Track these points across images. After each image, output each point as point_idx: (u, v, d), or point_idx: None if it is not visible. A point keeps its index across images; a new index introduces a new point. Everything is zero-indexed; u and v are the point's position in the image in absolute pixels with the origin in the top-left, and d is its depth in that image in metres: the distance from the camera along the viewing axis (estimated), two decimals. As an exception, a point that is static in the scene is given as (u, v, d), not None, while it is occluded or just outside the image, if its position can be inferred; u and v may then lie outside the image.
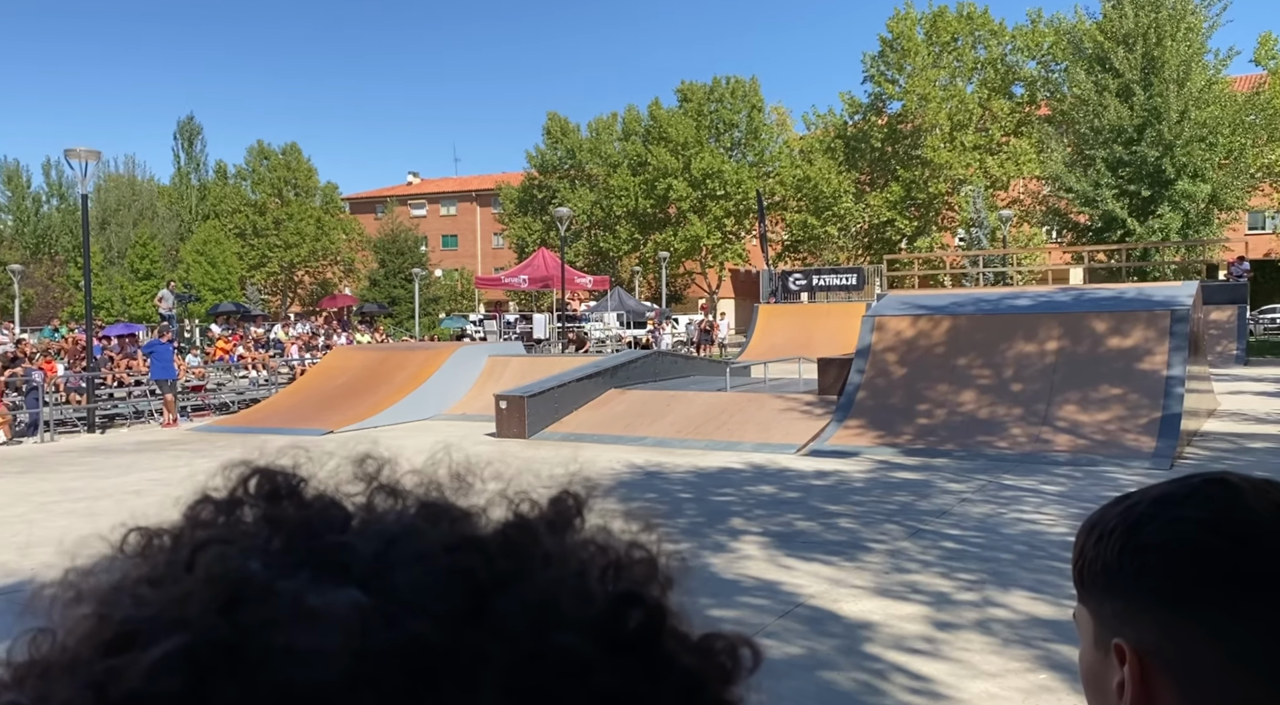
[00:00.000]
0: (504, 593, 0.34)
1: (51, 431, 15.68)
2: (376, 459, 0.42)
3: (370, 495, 0.40)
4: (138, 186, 47.34)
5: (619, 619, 0.35)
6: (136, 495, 9.98)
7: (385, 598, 0.33)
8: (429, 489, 0.40)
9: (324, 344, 25.68)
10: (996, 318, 13.75)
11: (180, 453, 13.38)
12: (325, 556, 0.35)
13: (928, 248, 41.03)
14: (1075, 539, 0.78)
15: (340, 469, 0.41)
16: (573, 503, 0.41)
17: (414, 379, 17.71)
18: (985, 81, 41.79)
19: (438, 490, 0.40)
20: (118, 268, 41.88)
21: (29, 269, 37.02)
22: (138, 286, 40.44)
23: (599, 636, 0.34)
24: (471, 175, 68.76)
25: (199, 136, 51.86)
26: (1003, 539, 7.21)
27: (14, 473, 11.97)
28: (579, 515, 0.40)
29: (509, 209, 51.96)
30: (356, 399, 17.04)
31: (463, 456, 0.44)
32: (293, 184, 50.10)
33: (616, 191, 46.84)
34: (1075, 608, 0.78)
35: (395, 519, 0.38)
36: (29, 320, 32.09)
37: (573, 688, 0.33)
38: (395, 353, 20.18)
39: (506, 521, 0.39)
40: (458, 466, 0.42)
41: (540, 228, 48.71)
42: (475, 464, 0.44)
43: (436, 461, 0.43)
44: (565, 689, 0.33)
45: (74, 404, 16.92)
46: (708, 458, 11.51)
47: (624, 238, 47.55)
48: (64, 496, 10.03)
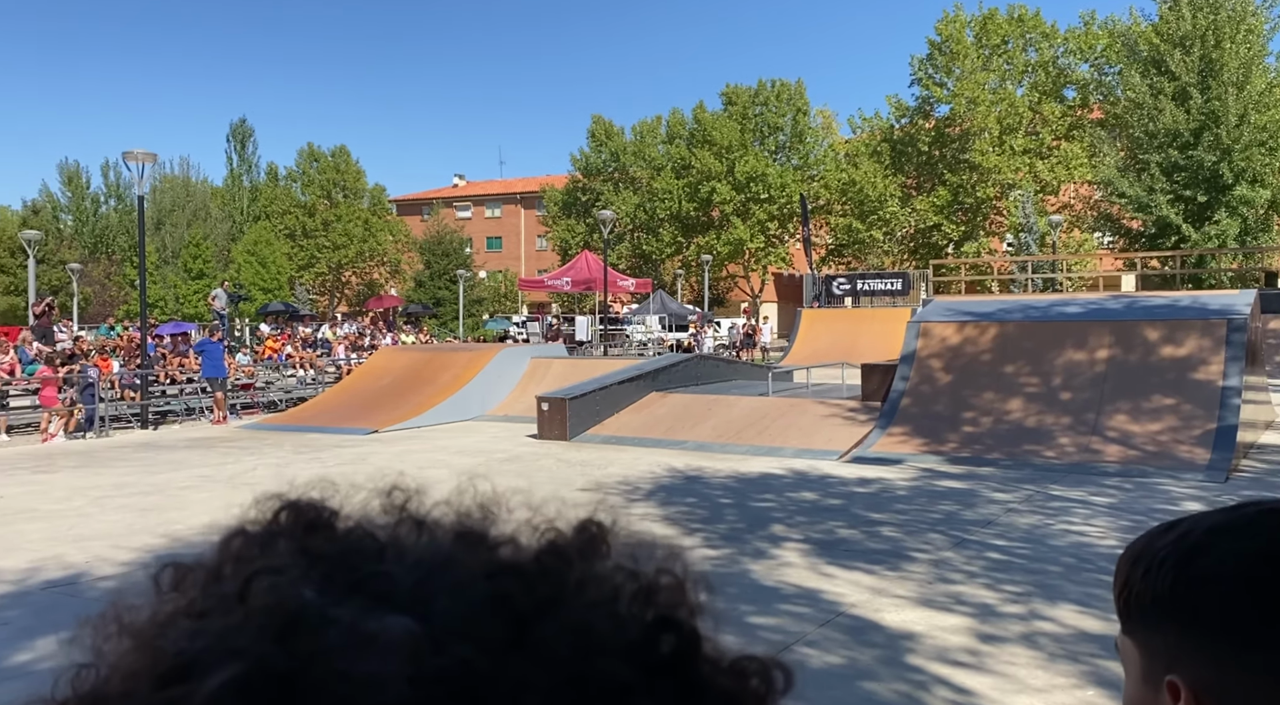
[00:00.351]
0: (544, 618, 0.35)
1: (106, 427, 16.07)
2: (404, 490, 0.42)
3: (401, 526, 0.40)
4: (192, 188, 48.43)
5: (655, 643, 0.36)
6: (187, 491, 10.20)
7: (431, 624, 0.34)
8: (460, 518, 0.41)
9: (370, 344, 26.03)
10: (1045, 325, 13.51)
11: (230, 450, 13.63)
12: (367, 586, 0.36)
13: (975, 253, 40.47)
14: (1117, 568, 0.75)
15: (370, 501, 0.42)
16: (598, 529, 0.41)
17: (457, 380, 17.87)
18: (1036, 84, 41.12)
19: (469, 519, 0.41)
20: (171, 267, 42.86)
21: (87, 268, 38.02)
22: (190, 285, 41.35)
23: (636, 661, 0.35)
24: (516, 178, 69.34)
25: (251, 139, 52.96)
26: (1050, 551, 7.08)
27: (70, 467, 12.29)
28: (606, 542, 0.41)
29: (553, 211, 52.26)
30: (401, 399, 17.23)
31: (488, 487, 0.45)
32: (341, 186, 50.87)
33: (660, 194, 46.88)
34: (1118, 638, 0.76)
35: (430, 548, 0.39)
36: (86, 318, 32.95)
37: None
38: (439, 354, 20.38)
39: (540, 548, 0.39)
40: (484, 496, 0.43)
41: (584, 230, 48.92)
42: (501, 494, 0.44)
43: (463, 491, 0.43)
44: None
45: (128, 400, 17.33)
46: (749, 463, 11.45)
47: (667, 240, 47.56)
48: (117, 491, 10.27)
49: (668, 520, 8.35)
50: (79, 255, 39.93)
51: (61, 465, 12.48)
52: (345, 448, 13.55)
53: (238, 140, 52.57)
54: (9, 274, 37.19)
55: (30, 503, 9.67)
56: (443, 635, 0.34)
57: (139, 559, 7.23)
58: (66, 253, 39.08)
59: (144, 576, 0.40)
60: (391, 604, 0.35)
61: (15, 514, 9.06)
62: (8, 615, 5.91)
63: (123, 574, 6.82)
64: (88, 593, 6.40)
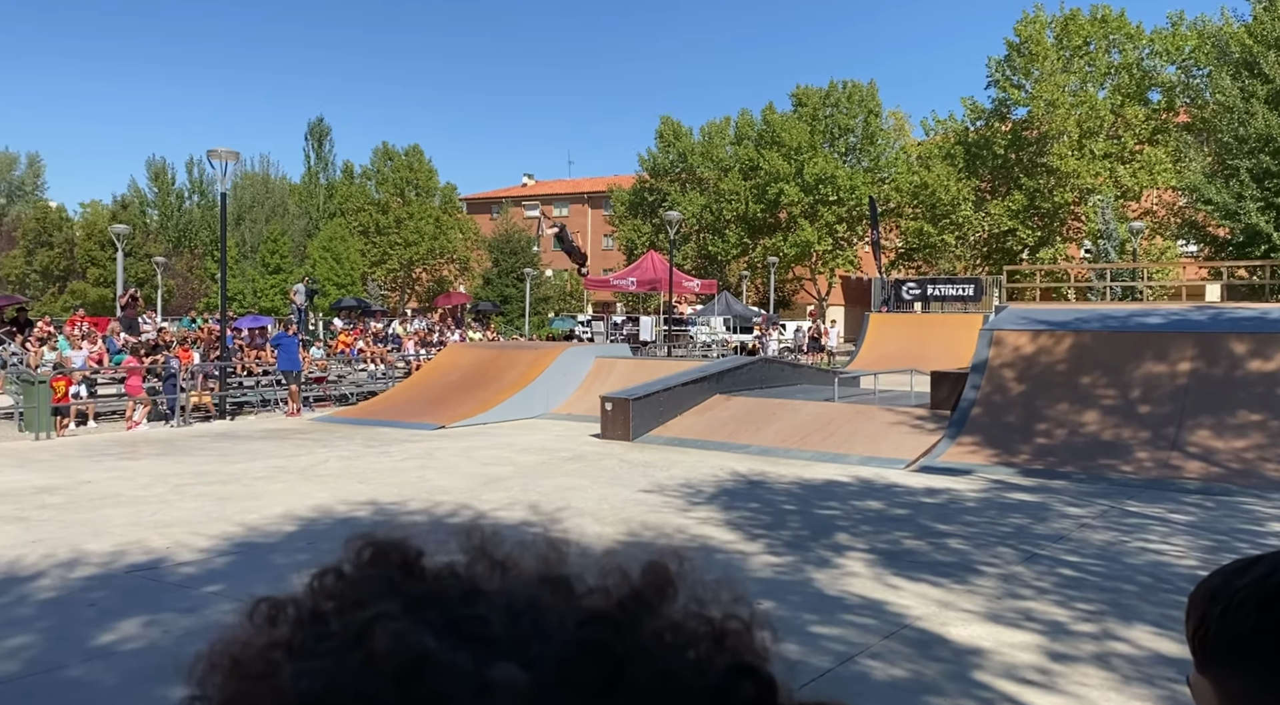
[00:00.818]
0: (633, 665, 0.36)
1: (186, 417, 16.64)
2: (481, 531, 0.44)
3: (483, 566, 0.42)
4: (271, 185, 49.84)
5: (736, 689, 0.37)
6: (262, 481, 10.51)
7: (532, 670, 0.35)
8: (539, 560, 0.42)
9: (439, 340, 26.46)
10: (1124, 335, 13.10)
11: (303, 442, 14.00)
12: (464, 628, 0.37)
13: (1050, 259, 39.42)
14: (1191, 603, 0.73)
15: (448, 541, 0.44)
16: (669, 573, 0.42)
17: (523, 377, 18.06)
18: (1119, 87, 39.87)
19: (549, 562, 0.42)
20: (250, 262, 44.17)
21: (171, 261, 39.41)
22: (267, 280, 42.55)
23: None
24: (584, 177, 69.74)
25: (328, 137, 54.26)
26: (1125, 569, 6.86)
27: (153, 454, 12.76)
28: (676, 585, 0.42)
29: (619, 211, 52.44)
30: (468, 395, 17.49)
31: (559, 531, 0.47)
32: (414, 184, 51.80)
33: (727, 195, 46.71)
34: (1191, 675, 0.73)
35: (516, 592, 0.40)
36: (169, 310, 34.14)
37: None
38: (506, 351, 20.63)
39: (623, 596, 0.40)
40: (553, 538, 0.44)
41: (649, 230, 48.99)
42: (567, 537, 0.46)
43: (533, 533, 0.45)
44: None
45: (208, 391, 17.91)
46: (813, 469, 11.34)
47: (733, 242, 47.36)
48: (196, 479, 10.63)
49: (730, 525, 8.32)
50: (164, 249, 41.39)
51: (145, 452, 12.96)
52: (413, 442, 13.80)
53: (315, 139, 53.93)
54: (99, 266, 38.73)
55: (115, 488, 10.06)
56: (545, 682, 0.35)
57: (217, 547, 7.47)
58: (152, 246, 40.53)
59: (235, 612, 0.42)
60: (493, 649, 0.36)
61: (102, 499, 9.45)
62: (94, 597, 6.16)
63: (201, 561, 7.06)
64: (168, 578, 6.64)
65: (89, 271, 39.22)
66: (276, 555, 7.24)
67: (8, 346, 18.46)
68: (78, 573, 6.69)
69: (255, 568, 6.86)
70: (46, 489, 9.98)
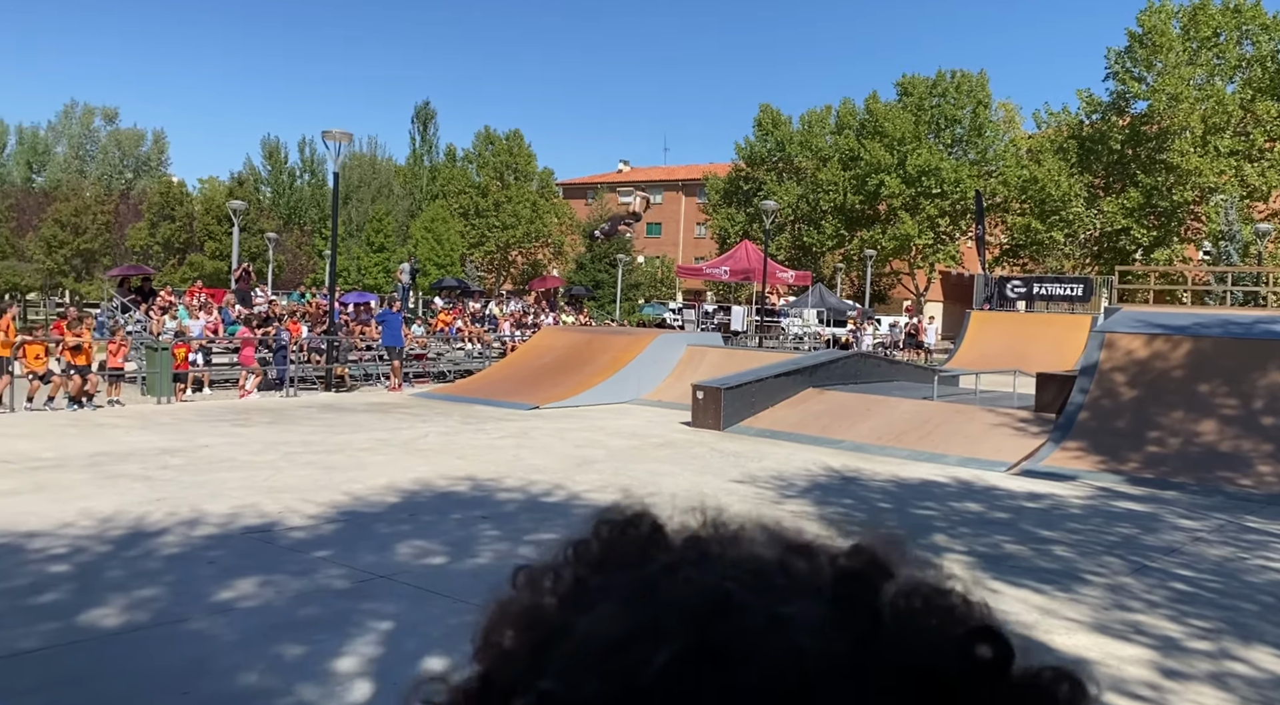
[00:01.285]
0: (888, 619, 0.40)
1: (295, 387, 17.33)
2: (708, 508, 0.48)
3: (719, 534, 0.46)
4: (378, 166, 51.24)
5: (977, 648, 0.40)
6: (366, 453, 10.88)
7: (817, 610, 0.40)
8: (771, 531, 0.46)
9: (533, 322, 26.87)
10: (1248, 342, 12.44)
11: (404, 416, 14.43)
12: (743, 579, 0.41)
13: (1166, 260, 37.59)
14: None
15: (677, 514, 0.48)
16: (896, 545, 0.45)
17: (615, 362, 18.21)
18: (1250, 81, 37.65)
19: (785, 533, 0.46)
20: (355, 240, 45.57)
21: (282, 237, 40.95)
22: (372, 258, 43.84)
23: (966, 662, 0.39)
24: (679, 165, 69.59)
25: (433, 121, 55.41)
26: (1245, 587, 6.55)
27: (264, 423, 13.34)
28: (903, 557, 0.44)
29: (714, 200, 52.17)
30: (562, 377, 17.73)
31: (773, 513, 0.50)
32: (513, 168, 52.55)
33: (825, 186, 45.97)
34: None
35: (767, 554, 0.43)
36: (279, 284, 35.51)
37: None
38: (600, 336, 20.81)
39: (865, 560, 0.43)
40: (773, 519, 0.47)
41: (744, 219, 48.61)
42: (783, 519, 0.48)
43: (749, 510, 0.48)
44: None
45: (314, 364, 18.62)
46: (909, 468, 11.13)
47: (829, 233, 46.61)
48: (305, 448, 11.08)
49: (824, 520, 8.24)
50: (275, 225, 43.03)
51: (256, 420, 13.56)
52: (509, 421, 14.08)
53: (421, 122, 55.17)
54: (216, 240, 40.52)
55: (230, 453, 10.57)
56: (827, 621, 0.39)
57: (324, 514, 7.79)
58: (265, 222, 42.18)
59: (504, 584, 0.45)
60: (774, 594, 0.40)
61: (218, 463, 9.94)
62: (213, 555, 6.50)
63: (310, 527, 7.37)
64: (280, 541, 6.95)
65: (206, 245, 41.09)
66: (380, 525, 7.50)
67: (133, 314, 19.52)
68: (198, 531, 7.06)
69: (361, 536, 7.12)
70: (168, 450, 10.55)
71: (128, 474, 9.12)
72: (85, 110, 54.64)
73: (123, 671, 4.50)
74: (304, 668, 4.59)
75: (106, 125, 54.95)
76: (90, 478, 8.90)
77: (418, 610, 5.50)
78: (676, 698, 0.36)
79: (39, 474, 9.02)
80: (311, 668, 4.59)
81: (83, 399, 14.33)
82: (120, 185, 49.85)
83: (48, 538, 6.70)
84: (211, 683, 4.41)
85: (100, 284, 35.28)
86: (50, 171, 52.18)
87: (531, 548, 6.62)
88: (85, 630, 4.99)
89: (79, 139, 54.43)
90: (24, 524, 7.01)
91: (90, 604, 5.36)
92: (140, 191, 48.34)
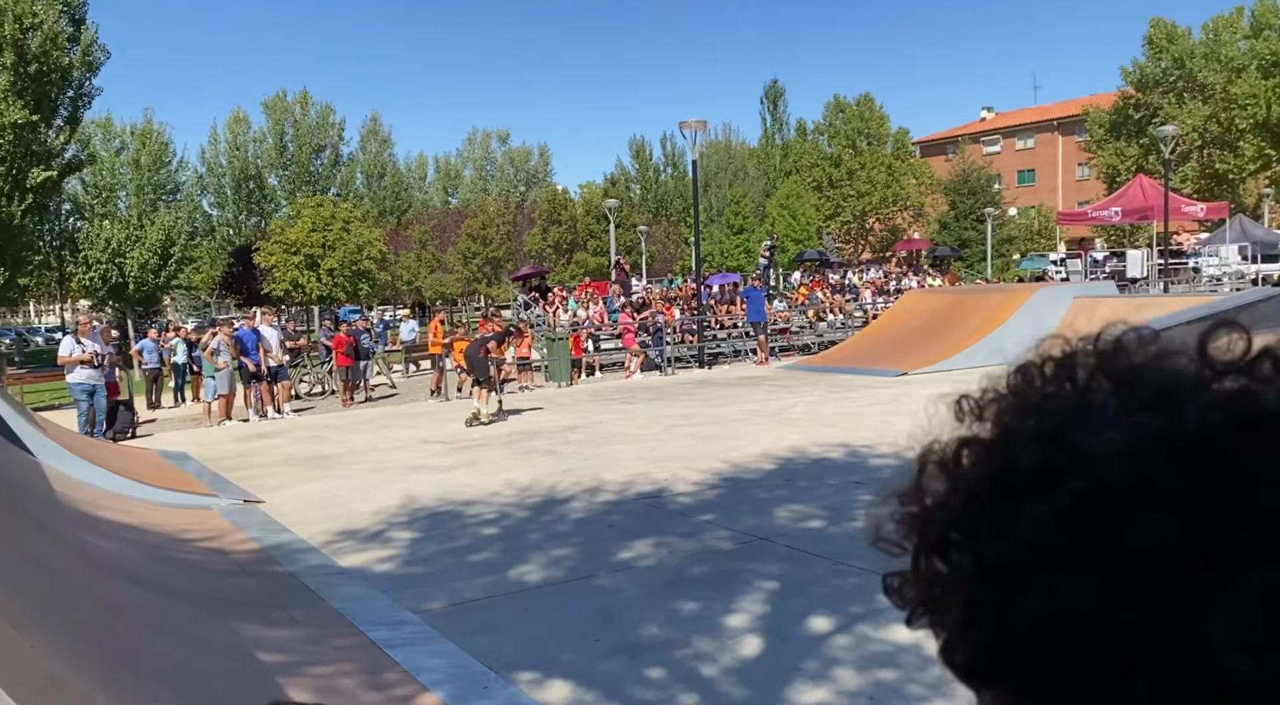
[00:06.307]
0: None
1: (672, 366, 18.45)
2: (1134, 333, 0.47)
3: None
4: (732, 150, 52.67)
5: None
6: (739, 423, 11.29)
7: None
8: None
9: (895, 289, 26.07)
10: None
11: (772, 388, 14.76)
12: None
13: None
14: None
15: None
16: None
17: (988, 323, 17.10)
18: None
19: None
20: (717, 225, 47.31)
21: (651, 229, 43.67)
22: (733, 240, 45.25)
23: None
24: (1052, 103, 63.26)
25: (782, 98, 55.74)
26: None
27: (646, 399, 14.36)
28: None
29: (1097, 135, 46.71)
30: (930, 341, 17.03)
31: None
32: (866, 134, 51.24)
33: (1241, 101, 39.16)
34: None
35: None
36: (652, 273, 37.98)
37: None
38: (969, 296, 19.65)
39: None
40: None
41: (1136, 152, 42.97)
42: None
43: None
44: None
45: (687, 343, 19.68)
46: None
47: (1249, 156, 39.67)
48: (684, 421, 11.76)
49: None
50: (645, 219, 46.01)
51: (640, 397, 14.64)
52: (876, 388, 13.82)
53: (770, 101, 55.71)
54: (596, 238, 44.28)
55: (620, 428, 11.53)
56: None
57: (706, 480, 8.22)
58: (636, 217, 45.26)
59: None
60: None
61: (611, 437, 10.89)
62: (613, 519, 7.14)
63: (694, 493, 7.82)
64: (669, 506, 7.46)
65: (588, 243, 45.04)
66: (759, 490, 7.75)
67: (534, 310, 21.98)
68: (599, 498, 7.80)
69: (742, 501, 7.42)
70: (569, 427, 11.77)
71: (538, 449, 10.32)
72: (484, 135, 62.37)
73: (545, 620, 5.11)
74: (698, 622, 4.89)
75: (501, 146, 62.28)
76: (508, 454, 10.19)
77: (801, 570, 5.61)
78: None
79: (470, 451, 10.52)
80: (706, 622, 4.88)
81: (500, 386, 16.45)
82: (516, 198, 56.30)
83: (480, 505, 7.79)
84: (618, 633, 4.86)
85: (506, 287, 40.18)
86: (461, 192, 60.31)
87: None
88: (513, 584, 5.74)
89: (480, 161, 62.28)
90: (462, 494, 8.22)
91: (516, 562, 6.15)
92: (532, 202, 54.17)
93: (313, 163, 47.49)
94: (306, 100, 47.74)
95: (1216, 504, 0.36)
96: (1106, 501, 0.38)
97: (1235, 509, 0.36)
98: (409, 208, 53.26)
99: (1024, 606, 0.39)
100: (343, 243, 30.19)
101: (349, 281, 30.53)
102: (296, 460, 10.54)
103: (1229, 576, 0.36)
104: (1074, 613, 0.38)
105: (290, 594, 5.74)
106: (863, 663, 4.26)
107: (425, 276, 43.55)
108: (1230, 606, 0.35)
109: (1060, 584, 0.38)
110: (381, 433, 12.36)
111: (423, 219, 48.86)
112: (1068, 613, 0.38)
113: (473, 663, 4.48)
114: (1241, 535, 0.36)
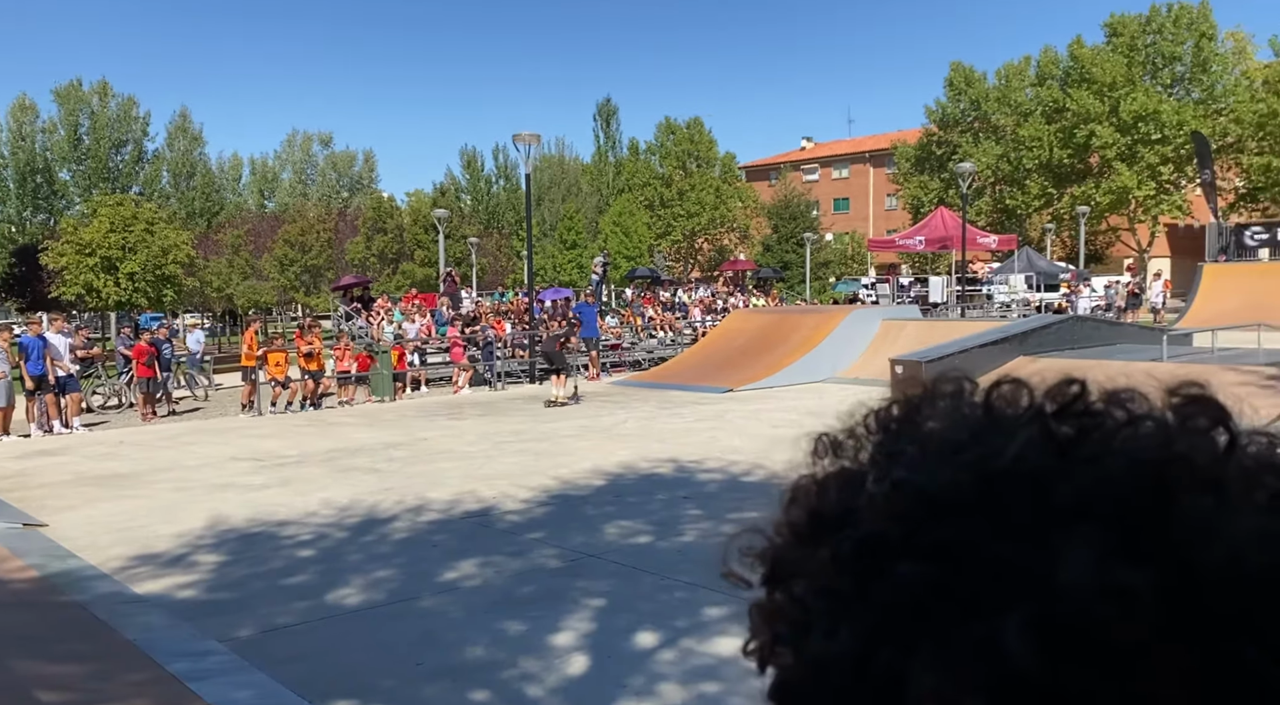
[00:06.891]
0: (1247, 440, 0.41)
1: (502, 381, 18.22)
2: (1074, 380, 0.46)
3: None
4: (565, 165, 52.93)
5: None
6: (571, 439, 11.27)
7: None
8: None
9: (723, 307, 26.89)
10: None
11: (604, 404, 14.83)
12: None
13: None
14: None
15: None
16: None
17: (808, 342, 17.91)
18: None
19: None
20: (550, 239, 47.31)
21: (482, 241, 43.10)
22: (565, 255, 45.36)
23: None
24: (865, 136, 67.42)
25: (615, 117, 56.54)
26: None
27: (475, 415, 14.11)
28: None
29: (904, 168, 50.14)
30: (754, 359, 17.64)
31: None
32: (695, 156, 52.76)
33: (1027, 142, 43.07)
34: None
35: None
36: (482, 285, 37.43)
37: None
38: (790, 316, 20.53)
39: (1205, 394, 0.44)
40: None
41: (938, 186, 46.41)
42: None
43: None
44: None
45: (518, 358, 19.50)
46: (1138, 436, 10.24)
47: (1034, 193, 43.66)
48: (514, 437, 11.62)
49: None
50: (476, 230, 45.35)
51: (469, 413, 14.36)
52: (703, 405, 14.16)
53: (603, 118, 56.41)
54: (424, 248, 43.22)
55: (448, 444, 11.25)
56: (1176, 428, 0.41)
57: (536, 498, 8.13)
58: (466, 228, 44.52)
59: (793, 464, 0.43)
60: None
61: (437, 454, 10.60)
62: (437, 539, 6.94)
63: (523, 510, 7.72)
64: (497, 524, 7.32)
65: (415, 253, 43.89)
66: (588, 507, 7.74)
67: (356, 321, 21.17)
68: (423, 517, 7.57)
69: (571, 518, 7.38)
70: (393, 445, 11.37)
71: (359, 467, 9.91)
72: (304, 137, 59.72)
73: (364, 645, 4.89)
74: (525, 642, 4.81)
75: (323, 149, 59.83)
76: (326, 471, 9.74)
77: (628, 586, 5.63)
78: (1029, 481, 0.38)
79: (285, 469, 9.97)
80: (532, 641, 4.80)
81: (316, 401, 15.70)
82: (338, 204, 54.15)
83: (295, 526, 7.39)
84: (442, 655, 4.71)
85: (326, 296, 38.51)
86: (279, 196, 57.43)
87: (734, 525, 6.63)
88: (331, 607, 5.46)
89: (301, 164, 59.58)
90: (275, 514, 7.77)
91: (334, 585, 5.86)
92: (355, 208, 52.29)
93: (112, 158, 44.05)
94: (106, 91, 44.27)
95: (947, 558, 0.37)
96: (874, 550, 0.39)
97: (960, 565, 0.37)
98: (221, 210, 50.21)
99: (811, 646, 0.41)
100: (145, 245, 28.01)
101: (152, 287, 28.35)
102: (86, 479, 9.66)
103: (937, 628, 0.37)
104: (845, 658, 0.39)
105: (75, 626, 5.23)
106: (687, 676, 4.31)
107: (238, 283, 41.06)
108: (931, 656, 0.36)
109: (838, 628, 0.39)
110: (186, 449, 11.53)
111: (236, 222, 46.08)
112: (842, 657, 0.39)
113: (285, 693, 4.22)
114: (958, 589, 0.37)
